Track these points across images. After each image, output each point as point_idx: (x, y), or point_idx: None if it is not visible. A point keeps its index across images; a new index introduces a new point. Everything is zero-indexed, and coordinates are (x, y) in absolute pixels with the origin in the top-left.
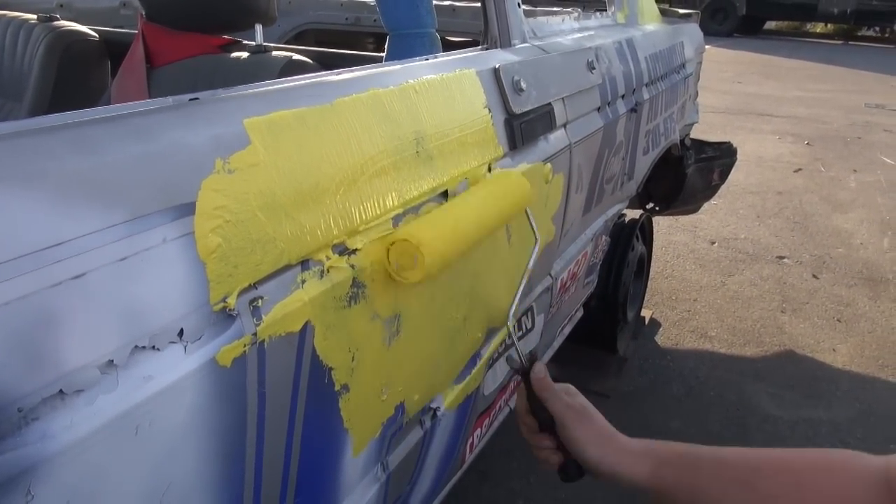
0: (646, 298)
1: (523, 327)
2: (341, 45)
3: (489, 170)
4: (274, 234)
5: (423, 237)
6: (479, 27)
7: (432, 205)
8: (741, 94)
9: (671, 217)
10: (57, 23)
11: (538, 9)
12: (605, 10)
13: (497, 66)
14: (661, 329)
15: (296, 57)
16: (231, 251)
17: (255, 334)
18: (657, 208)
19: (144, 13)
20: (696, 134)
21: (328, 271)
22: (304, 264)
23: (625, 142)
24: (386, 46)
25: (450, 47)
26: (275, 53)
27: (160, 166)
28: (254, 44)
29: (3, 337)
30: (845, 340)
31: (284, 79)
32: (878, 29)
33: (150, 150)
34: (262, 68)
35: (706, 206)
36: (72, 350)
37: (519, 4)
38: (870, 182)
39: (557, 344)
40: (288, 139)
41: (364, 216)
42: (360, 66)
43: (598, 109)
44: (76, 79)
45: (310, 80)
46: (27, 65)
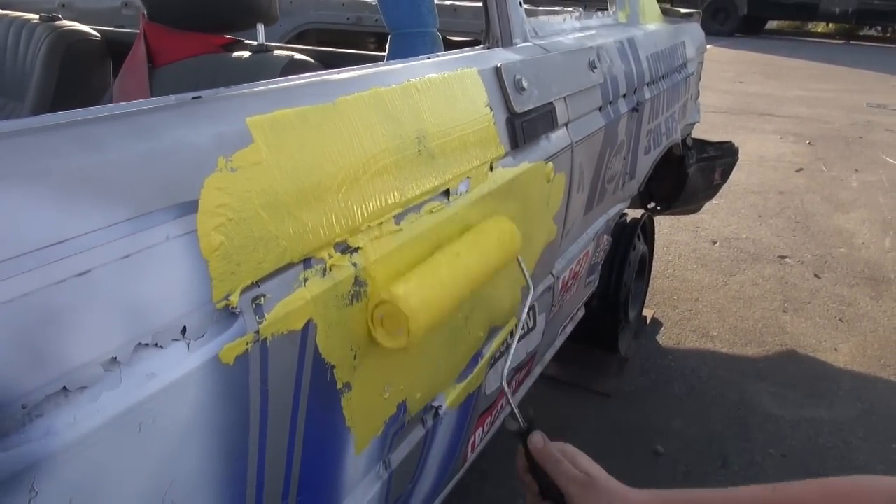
0: (647, 298)
1: (524, 326)
2: (343, 44)
3: (491, 168)
4: (276, 233)
5: (412, 304)
6: (480, 27)
7: (421, 262)
8: (742, 93)
9: (673, 217)
10: (59, 23)
11: (540, 8)
12: (607, 9)
13: (499, 66)
14: (663, 329)
15: (297, 56)
16: (234, 249)
17: (258, 332)
18: (659, 208)
19: (146, 13)
20: (697, 133)
21: (330, 269)
22: (307, 262)
23: (626, 141)
24: (387, 46)
25: (451, 47)
26: (276, 53)
27: (163, 164)
28: (255, 43)
29: (8, 334)
30: (847, 340)
31: (287, 77)
32: (879, 28)
33: (153, 149)
34: (263, 68)
35: (708, 205)
36: (75, 347)
37: (520, 4)
38: (871, 182)
39: (559, 343)
40: (290, 138)
41: (366, 215)
42: (361, 65)
43: (600, 109)
44: (78, 78)
45: (312, 79)
46: (29, 64)
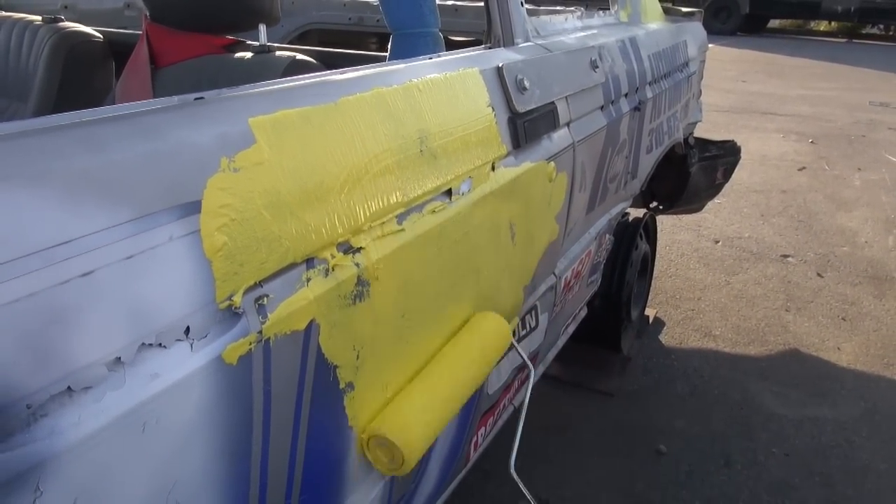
0: (650, 297)
1: (527, 326)
2: (344, 45)
3: (493, 168)
4: (279, 233)
5: (405, 437)
6: (481, 27)
7: (412, 379)
8: (745, 92)
9: (675, 216)
10: (61, 24)
11: (541, 8)
12: (609, 8)
13: (500, 65)
14: (665, 328)
15: (299, 57)
16: (236, 249)
17: (261, 332)
18: (661, 207)
19: (149, 14)
20: (699, 133)
21: (333, 270)
22: (309, 263)
23: (628, 140)
24: (389, 46)
25: (453, 47)
26: (278, 53)
27: (166, 165)
28: (257, 44)
29: (12, 334)
30: (850, 339)
31: (289, 78)
32: (882, 27)
33: (156, 149)
34: (265, 68)
35: (710, 204)
36: (80, 347)
37: (522, 3)
38: (874, 180)
39: (561, 343)
40: (293, 138)
41: (368, 215)
42: (363, 65)
43: (602, 108)
44: (81, 80)
45: (314, 80)
46: (32, 66)
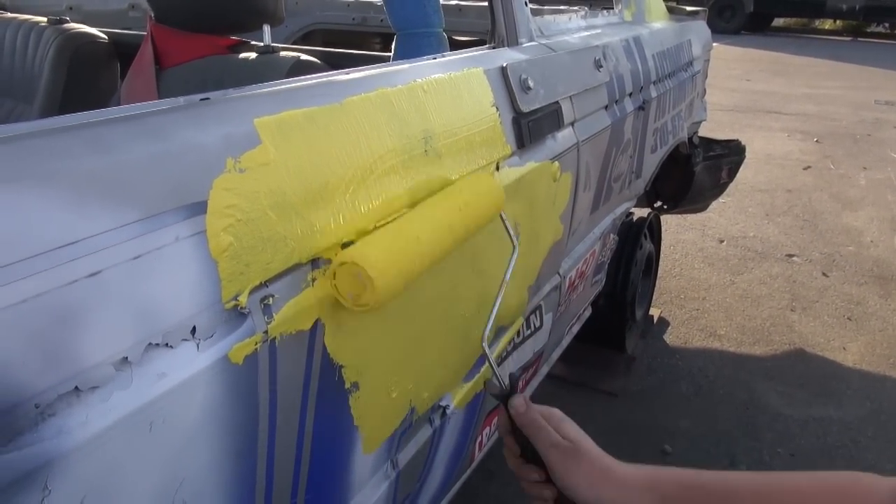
0: (654, 297)
1: (531, 326)
2: (348, 45)
3: (497, 168)
4: (284, 233)
5: (371, 258)
6: (485, 26)
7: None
8: (749, 91)
9: (679, 215)
10: (67, 25)
11: (545, 7)
12: (613, 8)
13: (504, 65)
14: (670, 328)
15: (304, 57)
16: (242, 250)
17: (267, 332)
18: (665, 207)
19: (153, 15)
20: (704, 132)
21: None
22: (315, 263)
23: (632, 140)
24: (393, 46)
25: (456, 47)
26: (283, 54)
27: (172, 165)
28: (262, 44)
29: (20, 334)
30: (856, 339)
31: (294, 78)
32: (887, 25)
33: (162, 150)
34: (270, 69)
35: (714, 204)
36: (87, 347)
37: (526, 3)
38: (880, 179)
39: (566, 343)
40: (298, 138)
41: (374, 215)
42: (367, 65)
43: (606, 108)
44: (86, 81)
45: (319, 80)
46: (37, 67)
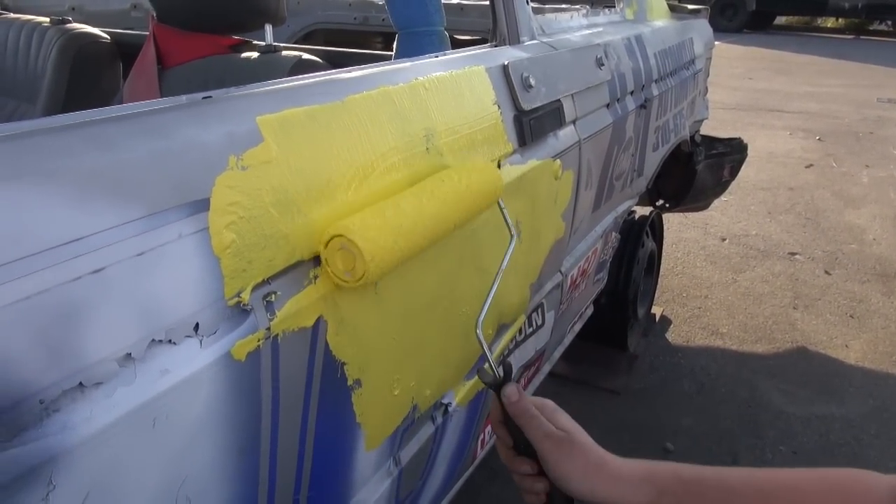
0: (656, 295)
1: (533, 324)
2: (350, 44)
3: (499, 166)
4: (287, 230)
5: (354, 227)
6: (487, 25)
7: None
8: (751, 90)
9: (681, 214)
10: (69, 25)
11: (546, 6)
12: (614, 6)
13: (506, 63)
14: (672, 326)
15: (305, 56)
16: (245, 247)
17: (269, 329)
18: (667, 205)
19: (155, 15)
20: (706, 130)
21: None
22: (317, 260)
23: (634, 138)
24: (395, 45)
25: (458, 45)
26: (285, 53)
27: (175, 163)
28: (263, 44)
29: (25, 330)
30: (858, 336)
31: (296, 77)
32: (889, 23)
33: (165, 148)
34: (272, 68)
35: (717, 202)
36: (91, 343)
37: (527, 1)
38: (882, 177)
39: (568, 341)
40: (300, 136)
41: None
42: (369, 64)
43: (608, 106)
44: (89, 80)
45: (321, 78)
46: (40, 67)
